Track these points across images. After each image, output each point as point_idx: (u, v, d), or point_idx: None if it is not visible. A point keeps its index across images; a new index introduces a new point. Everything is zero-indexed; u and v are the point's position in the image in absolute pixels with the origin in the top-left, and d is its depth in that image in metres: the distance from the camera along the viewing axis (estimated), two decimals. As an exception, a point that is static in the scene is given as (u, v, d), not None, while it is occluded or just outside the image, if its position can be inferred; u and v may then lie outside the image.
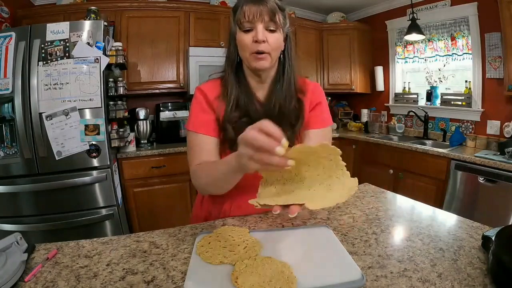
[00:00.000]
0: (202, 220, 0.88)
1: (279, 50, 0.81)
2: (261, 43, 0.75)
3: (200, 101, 0.85)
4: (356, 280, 0.53)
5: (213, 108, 0.84)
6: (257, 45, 0.75)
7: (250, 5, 0.75)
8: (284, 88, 0.84)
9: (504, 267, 0.49)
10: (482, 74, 2.39)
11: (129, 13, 2.41)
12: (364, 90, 3.38)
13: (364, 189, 1.07)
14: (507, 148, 1.93)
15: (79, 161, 1.84)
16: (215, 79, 0.89)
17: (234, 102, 0.82)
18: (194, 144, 0.83)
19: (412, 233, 0.72)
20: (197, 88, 0.88)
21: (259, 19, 0.74)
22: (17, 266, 0.55)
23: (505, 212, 1.82)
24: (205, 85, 0.87)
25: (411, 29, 2.59)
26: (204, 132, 0.82)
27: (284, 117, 0.83)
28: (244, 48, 0.78)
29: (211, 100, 0.84)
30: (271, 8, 0.75)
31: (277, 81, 0.86)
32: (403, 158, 2.44)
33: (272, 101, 0.84)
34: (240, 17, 0.76)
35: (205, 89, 0.86)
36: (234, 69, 0.84)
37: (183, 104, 2.69)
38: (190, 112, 0.87)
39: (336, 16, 3.51)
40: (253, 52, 0.76)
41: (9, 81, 1.70)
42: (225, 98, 0.83)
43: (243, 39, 0.77)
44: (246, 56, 0.79)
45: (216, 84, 0.87)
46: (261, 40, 0.74)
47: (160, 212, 2.31)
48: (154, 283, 0.54)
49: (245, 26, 0.76)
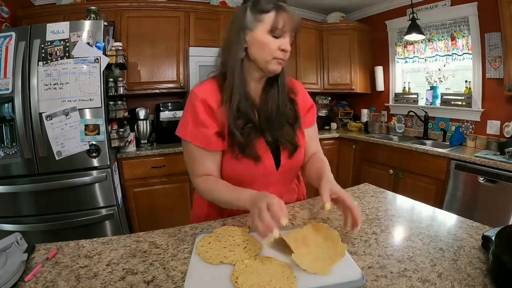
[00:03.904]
0: (202, 220, 0.88)
1: None
2: (287, 53, 0.80)
3: (199, 111, 0.81)
4: (356, 280, 0.53)
5: (216, 118, 0.82)
6: (283, 54, 0.79)
7: (285, 14, 0.77)
8: (280, 92, 0.88)
9: (504, 267, 0.49)
10: (482, 74, 2.39)
11: (129, 13, 2.41)
12: (364, 90, 3.38)
13: (364, 189, 1.07)
14: (507, 148, 1.93)
15: (79, 161, 1.84)
16: (209, 80, 0.87)
17: (237, 109, 0.81)
18: (194, 156, 0.83)
19: (412, 233, 0.72)
20: (193, 93, 0.83)
21: (290, 32, 0.79)
22: (17, 266, 0.55)
23: (505, 212, 1.82)
24: (203, 91, 0.83)
25: (411, 29, 2.59)
26: (205, 147, 0.82)
27: (282, 118, 0.88)
28: (267, 51, 0.79)
29: (214, 109, 0.82)
30: (298, 24, 0.81)
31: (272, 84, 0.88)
32: (403, 158, 2.44)
33: (268, 105, 0.87)
34: (277, 24, 0.77)
35: (205, 96, 0.82)
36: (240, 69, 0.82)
37: (183, 104, 2.68)
38: (186, 119, 0.83)
39: (336, 16, 3.51)
40: (276, 58, 0.79)
41: (9, 81, 1.70)
42: (227, 104, 0.81)
43: (270, 43, 0.78)
44: (265, 59, 0.80)
45: (214, 86, 0.84)
46: (288, 51, 0.80)
47: (160, 212, 2.31)
48: (154, 283, 0.54)
49: (277, 32, 0.78)
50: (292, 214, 0.85)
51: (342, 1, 3.25)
